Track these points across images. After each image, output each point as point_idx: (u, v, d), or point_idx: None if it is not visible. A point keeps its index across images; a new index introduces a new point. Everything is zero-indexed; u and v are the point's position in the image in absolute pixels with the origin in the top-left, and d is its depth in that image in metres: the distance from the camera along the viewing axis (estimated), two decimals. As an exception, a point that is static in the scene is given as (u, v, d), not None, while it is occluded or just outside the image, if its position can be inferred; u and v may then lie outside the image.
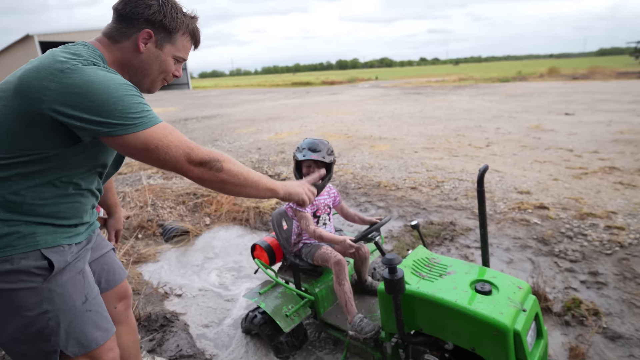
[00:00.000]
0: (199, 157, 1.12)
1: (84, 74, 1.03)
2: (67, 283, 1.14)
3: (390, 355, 1.95)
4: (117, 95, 1.04)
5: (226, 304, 2.75)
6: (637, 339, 2.14)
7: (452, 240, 3.30)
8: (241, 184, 1.22)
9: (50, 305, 1.10)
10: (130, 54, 1.21)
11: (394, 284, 1.55)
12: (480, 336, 1.55)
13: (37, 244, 1.09)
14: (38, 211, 1.11)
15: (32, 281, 1.08)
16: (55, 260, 1.11)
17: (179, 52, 1.28)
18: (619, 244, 2.98)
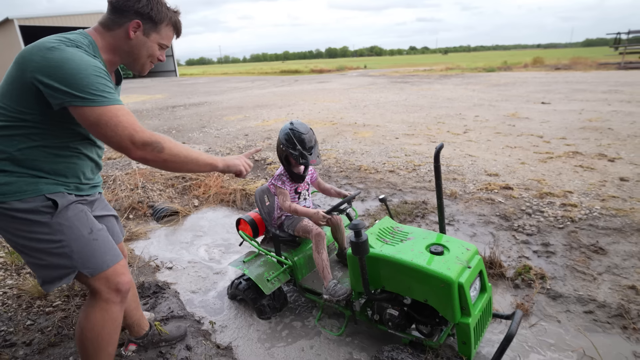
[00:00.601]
0: (142, 139, 1.29)
1: (64, 53, 1.25)
2: (72, 218, 1.41)
3: (359, 312, 2.22)
4: (85, 72, 1.24)
5: (214, 275, 2.99)
6: (574, 297, 2.45)
7: (423, 217, 3.59)
8: (182, 162, 1.40)
9: (62, 235, 1.38)
10: (121, 40, 1.44)
11: (358, 245, 1.81)
12: (431, 289, 1.82)
13: (41, 191, 1.36)
14: (40, 167, 1.37)
15: (43, 218, 1.35)
16: (59, 199, 1.38)
17: (163, 40, 1.52)
18: (571, 219, 3.31)
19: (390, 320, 2.03)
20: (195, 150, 1.48)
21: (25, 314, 2.34)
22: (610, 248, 2.88)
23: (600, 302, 2.37)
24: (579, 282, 2.57)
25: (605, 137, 5.84)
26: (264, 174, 5.10)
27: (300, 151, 2.23)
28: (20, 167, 1.34)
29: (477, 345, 1.87)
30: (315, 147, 2.30)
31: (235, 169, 1.65)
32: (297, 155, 2.24)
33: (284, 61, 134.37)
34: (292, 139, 2.24)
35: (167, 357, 2.01)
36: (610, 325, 2.22)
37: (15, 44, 28.13)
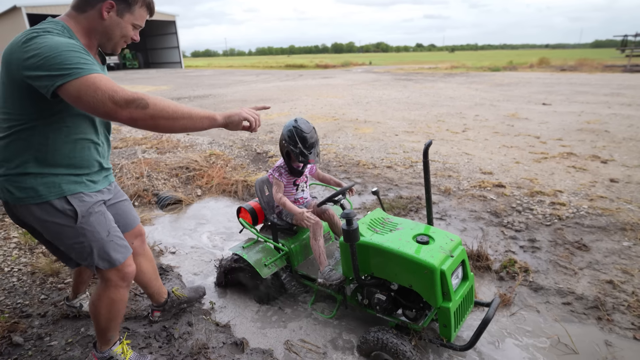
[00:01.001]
0: (122, 97, 1.24)
1: (37, 41, 1.29)
2: (94, 222, 1.58)
3: (350, 297, 2.37)
4: (57, 51, 1.25)
5: (215, 260, 3.14)
6: (555, 290, 2.60)
7: (417, 212, 3.73)
8: (172, 117, 1.32)
9: (84, 238, 1.57)
10: (95, 21, 1.46)
11: (349, 233, 1.95)
12: (415, 275, 1.96)
13: (63, 192, 1.50)
14: (59, 163, 1.49)
15: (69, 221, 1.53)
16: (78, 206, 1.53)
17: (137, 21, 1.54)
18: (558, 217, 3.44)
19: (378, 305, 2.17)
20: (185, 105, 1.39)
21: (39, 289, 2.51)
22: (593, 245, 3.02)
23: (579, 295, 2.51)
24: (561, 276, 2.71)
25: (601, 139, 5.95)
26: (265, 166, 5.25)
27: (301, 149, 2.34)
28: (42, 166, 1.46)
29: (457, 329, 2.02)
30: (316, 146, 2.41)
31: (239, 119, 1.51)
32: (297, 152, 2.35)
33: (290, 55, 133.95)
34: (294, 137, 2.35)
35: (171, 331, 2.18)
36: (585, 316, 2.36)
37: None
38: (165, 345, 2.08)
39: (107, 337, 1.82)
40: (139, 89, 16.39)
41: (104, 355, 1.85)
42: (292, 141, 2.36)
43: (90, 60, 1.32)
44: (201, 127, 1.42)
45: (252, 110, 1.58)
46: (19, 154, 1.44)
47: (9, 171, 1.45)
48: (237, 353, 2.06)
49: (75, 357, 1.97)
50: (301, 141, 2.34)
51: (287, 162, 2.51)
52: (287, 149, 2.42)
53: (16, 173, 1.45)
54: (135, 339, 2.11)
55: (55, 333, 2.14)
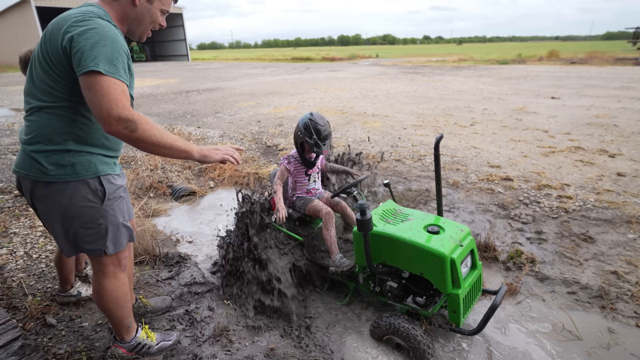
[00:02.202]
0: (118, 114, 1.33)
1: (91, 23, 1.37)
2: (115, 206, 1.65)
3: (362, 285, 2.48)
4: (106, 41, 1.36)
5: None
6: (560, 279, 2.68)
7: (425, 204, 3.81)
8: (155, 144, 1.44)
9: (104, 220, 1.62)
10: (127, 7, 1.55)
11: (363, 223, 2.05)
12: (426, 263, 2.06)
13: (98, 172, 1.56)
14: (95, 143, 1.57)
15: (95, 202, 1.58)
16: (107, 188, 1.60)
17: (164, 6, 1.63)
18: (565, 209, 3.51)
19: (389, 292, 2.27)
20: (171, 135, 1.51)
21: (67, 274, 2.65)
22: (599, 237, 3.09)
23: (583, 285, 2.59)
24: (566, 267, 2.79)
25: (609, 134, 5.96)
26: (275, 159, 5.35)
27: (316, 140, 2.46)
28: (81, 144, 1.52)
29: (466, 315, 2.12)
30: (329, 138, 2.53)
31: (212, 159, 1.65)
32: (312, 143, 2.47)
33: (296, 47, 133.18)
34: (310, 129, 2.47)
35: (193, 315, 2.30)
36: (590, 305, 2.45)
37: (32, 25, 28.48)
38: (188, 328, 2.21)
39: (126, 325, 1.86)
40: (148, 82, 16.52)
41: (130, 344, 1.89)
42: (307, 133, 2.48)
43: (124, 63, 1.42)
44: (178, 157, 1.55)
45: (229, 149, 1.71)
46: (61, 131, 1.48)
47: (47, 147, 1.48)
48: (256, 335, 2.18)
49: (105, 337, 2.10)
50: (316, 133, 2.46)
51: (300, 153, 2.62)
52: (302, 140, 2.54)
53: (57, 150, 1.48)
54: (160, 322, 2.24)
55: (85, 315, 2.28)
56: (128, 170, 4.81)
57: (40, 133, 1.49)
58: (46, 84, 1.46)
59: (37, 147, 1.49)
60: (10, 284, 2.54)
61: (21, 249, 2.99)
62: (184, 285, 2.64)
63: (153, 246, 3.01)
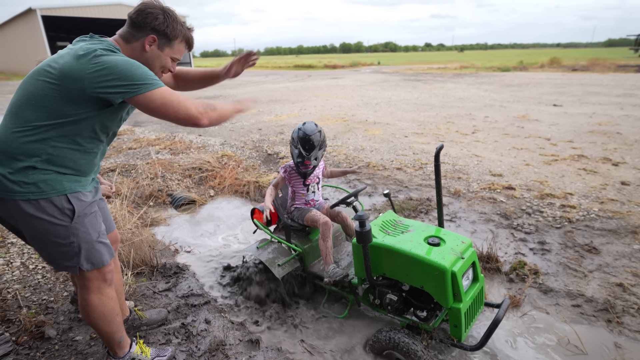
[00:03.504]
0: (201, 105, 1.52)
1: (105, 58, 1.44)
2: (87, 223, 1.59)
3: (361, 297, 2.43)
4: (135, 65, 1.46)
5: (229, 260, 3.22)
6: (564, 292, 2.62)
7: (427, 214, 3.77)
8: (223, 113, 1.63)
9: (76, 238, 1.56)
10: (138, 52, 1.61)
11: (362, 235, 2.02)
12: (427, 276, 2.01)
13: (64, 190, 1.51)
14: (66, 165, 1.53)
15: (64, 220, 1.52)
16: (77, 205, 1.55)
17: (176, 54, 1.70)
18: (568, 219, 3.45)
19: (389, 305, 2.22)
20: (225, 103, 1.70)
21: (62, 285, 2.61)
22: (604, 248, 3.03)
23: (588, 297, 2.54)
24: (570, 279, 2.74)
25: (612, 142, 5.91)
26: (276, 167, 5.33)
27: (300, 150, 2.45)
28: (50, 164, 1.48)
29: (467, 329, 2.06)
30: (316, 150, 2.48)
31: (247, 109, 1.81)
32: (296, 153, 2.46)
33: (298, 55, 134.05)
34: (297, 137, 2.48)
35: (189, 328, 2.26)
36: (595, 318, 2.39)
37: (37, 34, 28.81)
38: (184, 342, 2.16)
39: (117, 340, 1.81)
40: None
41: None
42: (294, 141, 2.50)
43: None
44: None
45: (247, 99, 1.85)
46: (33, 151, 1.46)
47: (13, 164, 1.45)
48: (253, 350, 2.14)
49: (99, 352, 2.06)
50: (300, 142, 2.46)
51: (295, 166, 2.60)
52: (291, 149, 2.54)
53: (21, 167, 1.45)
54: (155, 336, 2.20)
55: (80, 328, 2.24)
56: (128, 178, 4.80)
57: (6, 149, 1.46)
58: (42, 102, 1.46)
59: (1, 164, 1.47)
60: (5, 296, 2.50)
61: (18, 259, 2.97)
62: (180, 297, 2.60)
63: (151, 257, 2.97)
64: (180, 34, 1.66)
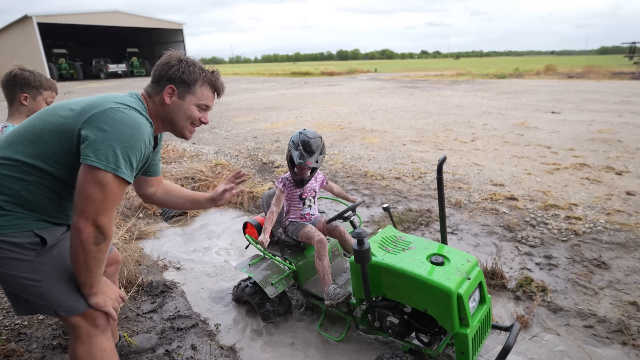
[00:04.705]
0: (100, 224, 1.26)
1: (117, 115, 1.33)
2: (57, 257, 1.36)
3: (360, 319, 2.28)
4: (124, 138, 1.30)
5: (221, 276, 3.06)
6: (575, 311, 2.47)
7: (427, 226, 3.62)
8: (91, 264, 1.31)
9: (41, 275, 1.33)
10: (160, 106, 1.51)
11: (361, 254, 1.87)
12: (430, 299, 1.86)
13: (29, 227, 1.33)
14: (36, 209, 1.34)
15: (26, 254, 1.31)
16: (48, 237, 1.34)
17: (201, 101, 1.54)
18: (575, 232, 3.32)
19: (390, 328, 2.07)
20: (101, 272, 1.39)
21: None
22: (613, 263, 2.90)
23: (601, 317, 2.39)
24: (580, 296, 2.59)
25: (614, 150, 5.81)
26: (271, 177, 5.18)
27: (301, 151, 2.34)
28: (18, 207, 1.31)
29: (475, 356, 1.91)
30: (317, 153, 2.36)
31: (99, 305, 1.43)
32: (297, 154, 2.35)
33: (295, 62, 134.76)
34: (298, 141, 2.36)
35: (173, 356, 2.09)
36: (609, 341, 2.24)
37: (33, 41, 28.72)
38: (168, 371, 1.99)
39: None
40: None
41: None
42: (295, 145, 2.38)
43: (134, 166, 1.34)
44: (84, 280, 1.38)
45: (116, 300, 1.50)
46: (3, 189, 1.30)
47: None
48: (242, 380, 1.97)
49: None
50: (302, 144, 2.35)
51: (291, 172, 2.47)
52: (290, 154, 2.41)
53: None
54: (137, 363, 2.03)
55: (54, 357, 2.06)
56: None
57: None
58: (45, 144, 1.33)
59: None
60: (-24, 319, 2.33)
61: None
62: (166, 319, 2.43)
63: (136, 274, 2.80)
64: (199, 77, 1.52)
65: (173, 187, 1.90)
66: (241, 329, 2.43)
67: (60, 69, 31.96)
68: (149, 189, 1.83)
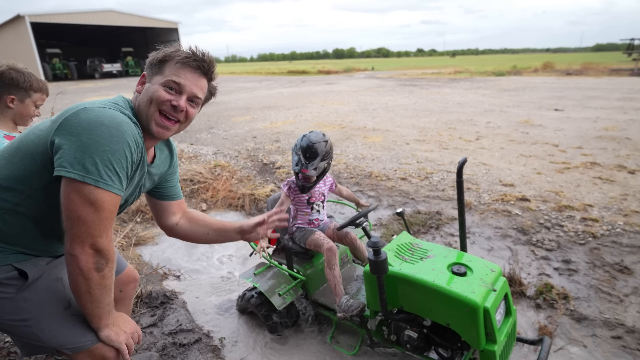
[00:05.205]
0: (98, 246, 1.09)
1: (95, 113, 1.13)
2: (44, 291, 1.19)
3: (374, 332, 2.13)
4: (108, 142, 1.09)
5: (224, 284, 2.90)
6: (601, 320, 2.34)
7: (438, 229, 3.48)
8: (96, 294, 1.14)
9: (27, 314, 1.15)
10: (135, 100, 1.28)
11: (377, 264, 1.72)
12: (454, 313, 1.72)
13: (7, 260, 1.15)
14: (16, 242, 1.18)
15: (5, 292, 1.13)
16: (29, 270, 1.16)
17: (167, 77, 1.22)
18: (592, 234, 3.19)
19: (408, 342, 1.93)
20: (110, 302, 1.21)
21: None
22: (636, 267, 2.76)
23: (629, 327, 2.25)
24: (605, 304, 2.46)
25: (623, 147, 5.69)
26: (272, 178, 5.02)
27: (300, 157, 2.20)
28: None
29: (501, 373, 1.77)
30: (317, 160, 2.20)
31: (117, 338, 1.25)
32: (295, 160, 2.22)
33: (291, 61, 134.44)
34: (299, 144, 2.23)
35: (176, 376, 1.94)
36: (640, 352, 2.11)
37: (26, 41, 28.35)
38: (170, 393, 1.84)
39: None
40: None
41: None
42: (296, 148, 2.25)
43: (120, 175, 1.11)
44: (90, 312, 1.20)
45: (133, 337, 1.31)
46: None
47: None
48: (251, 402, 1.82)
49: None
50: (302, 149, 2.21)
51: (296, 178, 2.32)
52: (292, 157, 2.29)
53: None
54: (137, 384, 1.88)
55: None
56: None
57: None
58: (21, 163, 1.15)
59: None
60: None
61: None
62: (167, 334, 2.28)
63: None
64: (170, 57, 1.26)
65: (198, 215, 1.63)
66: (247, 342, 2.28)
67: (54, 69, 31.59)
68: (171, 217, 1.57)
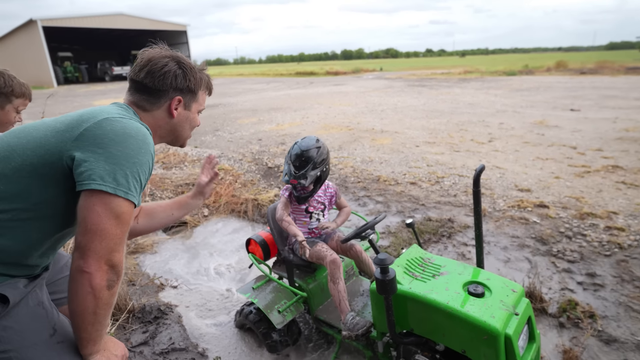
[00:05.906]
0: (112, 261, 1.02)
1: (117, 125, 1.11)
2: (25, 318, 1.07)
3: (381, 354, 1.95)
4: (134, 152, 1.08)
5: (221, 297, 2.75)
6: (633, 343, 2.12)
7: (450, 238, 3.28)
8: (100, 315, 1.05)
9: (8, 344, 1.02)
10: (162, 120, 1.29)
11: (385, 284, 1.54)
12: (471, 339, 1.53)
13: None
14: (3, 260, 1.05)
15: None
16: (9, 293, 1.04)
17: (201, 106, 1.40)
18: (619, 245, 2.95)
19: (419, 369, 1.75)
20: (109, 322, 1.14)
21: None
22: (669, 283, 2.53)
23: (665, 352, 2.03)
24: (637, 324, 2.23)
25: (646, 150, 5.41)
26: (277, 182, 4.86)
27: (290, 166, 2.07)
28: None
29: (524, 406, 1.58)
30: (308, 169, 2.04)
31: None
32: (286, 169, 2.08)
33: (300, 63, 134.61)
34: (290, 152, 2.10)
35: (163, 403, 1.77)
36: (679, 381, 1.89)
37: (38, 45, 28.77)
38: None
39: None
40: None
41: None
42: (287, 156, 2.12)
43: (143, 185, 1.12)
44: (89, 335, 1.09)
45: None
46: None
47: None
48: None
49: None
50: (292, 157, 2.08)
51: (293, 187, 2.16)
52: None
53: None
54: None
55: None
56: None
57: None
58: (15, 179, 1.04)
59: None
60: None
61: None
62: (159, 353, 2.12)
63: (126, 299, 2.49)
64: (201, 82, 1.36)
65: (152, 206, 1.60)
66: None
67: (66, 72, 32.08)
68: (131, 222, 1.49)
